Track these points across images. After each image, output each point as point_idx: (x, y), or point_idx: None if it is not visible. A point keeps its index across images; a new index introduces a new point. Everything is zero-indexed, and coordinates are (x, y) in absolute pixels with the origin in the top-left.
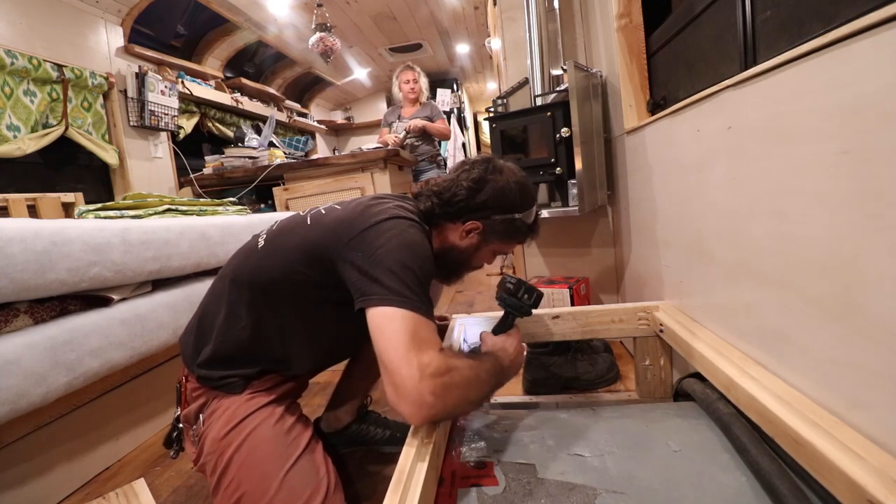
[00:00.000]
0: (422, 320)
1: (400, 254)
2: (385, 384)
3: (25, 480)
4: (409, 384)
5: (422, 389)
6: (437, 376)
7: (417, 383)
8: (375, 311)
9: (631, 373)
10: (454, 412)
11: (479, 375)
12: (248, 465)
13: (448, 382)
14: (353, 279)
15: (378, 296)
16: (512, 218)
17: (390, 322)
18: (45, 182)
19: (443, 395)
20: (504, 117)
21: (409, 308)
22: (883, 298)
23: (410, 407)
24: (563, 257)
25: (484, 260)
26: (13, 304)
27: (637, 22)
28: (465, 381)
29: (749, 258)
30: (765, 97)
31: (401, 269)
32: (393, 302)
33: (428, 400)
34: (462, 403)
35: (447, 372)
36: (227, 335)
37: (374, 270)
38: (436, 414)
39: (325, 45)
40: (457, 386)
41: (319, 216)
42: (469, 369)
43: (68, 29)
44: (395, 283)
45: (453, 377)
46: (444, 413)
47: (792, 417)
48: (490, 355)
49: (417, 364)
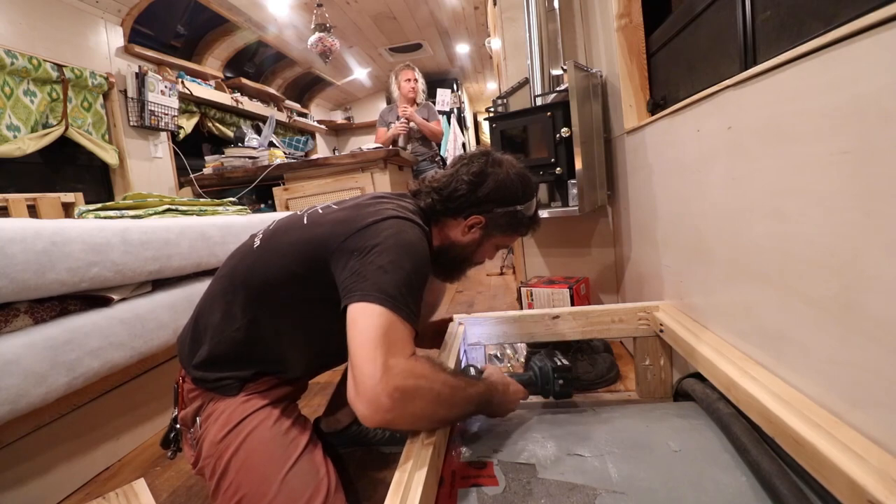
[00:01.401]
0: (399, 322)
1: (395, 254)
2: (348, 380)
3: (25, 480)
4: (368, 382)
5: (379, 391)
6: (400, 381)
7: (377, 383)
8: (354, 306)
9: (631, 373)
10: (414, 424)
11: (454, 395)
12: (246, 468)
13: (411, 391)
14: (343, 278)
15: (361, 291)
16: (514, 210)
17: (366, 317)
18: (45, 182)
19: (401, 402)
20: (504, 117)
21: (389, 307)
22: (882, 298)
23: (364, 407)
24: (563, 257)
25: (486, 255)
26: (13, 304)
27: (637, 22)
28: (433, 395)
29: (749, 258)
30: (765, 97)
31: (392, 268)
32: (374, 299)
33: (384, 403)
34: (424, 418)
35: (413, 379)
36: (223, 336)
37: (364, 269)
38: (391, 420)
39: (323, 46)
40: (421, 397)
41: (316, 216)
42: (443, 385)
43: (68, 29)
44: (384, 282)
45: (419, 387)
46: (401, 422)
47: (792, 417)
48: (484, 384)
49: (382, 364)
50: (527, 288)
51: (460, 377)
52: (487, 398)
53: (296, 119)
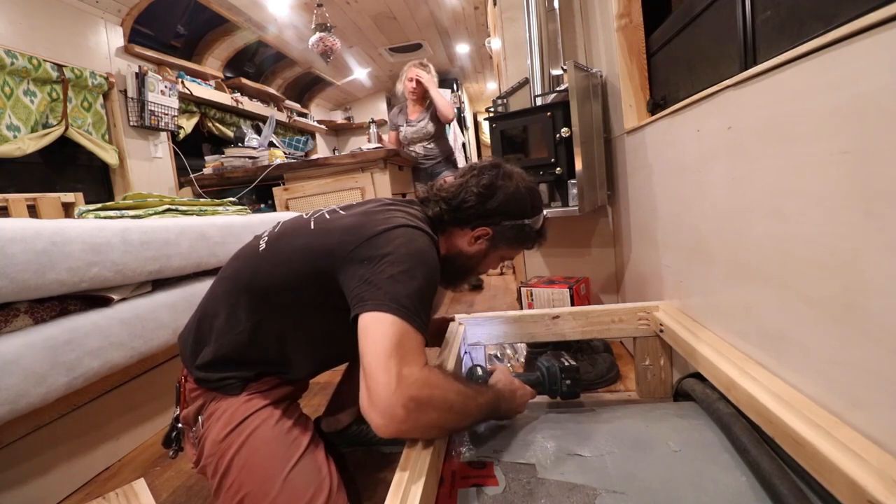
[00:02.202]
0: (412, 332)
1: (405, 263)
2: (360, 389)
3: (25, 480)
4: (382, 392)
5: (394, 402)
6: (414, 391)
7: (391, 393)
8: (367, 315)
9: (631, 373)
10: (426, 433)
11: (466, 404)
12: (249, 467)
13: (425, 401)
14: (353, 286)
15: (373, 301)
16: (522, 224)
17: (379, 326)
18: (45, 182)
19: (416, 413)
20: (504, 117)
21: (402, 317)
22: (883, 298)
23: (379, 417)
24: (563, 257)
25: (490, 266)
26: (13, 304)
27: (637, 22)
28: (445, 404)
29: (749, 258)
30: (765, 97)
31: (404, 277)
32: (386, 308)
33: (399, 413)
34: (435, 427)
35: (427, 389)
36: (227, 337)
37: (375, 277)
38: (406, 430)
39: (324, 45)
40: (434, 407)
41: (324, 221)
42: (456, 395)
43: (68, 29)
44: (396, 291)
45: (433, 397)
46: (415, 432)
47: (792, 417)
48: (492, 391)
49: (397, 373)
50: (527, 288)
51: (471, 385)
52: (496, 405)
53: (296, 119)
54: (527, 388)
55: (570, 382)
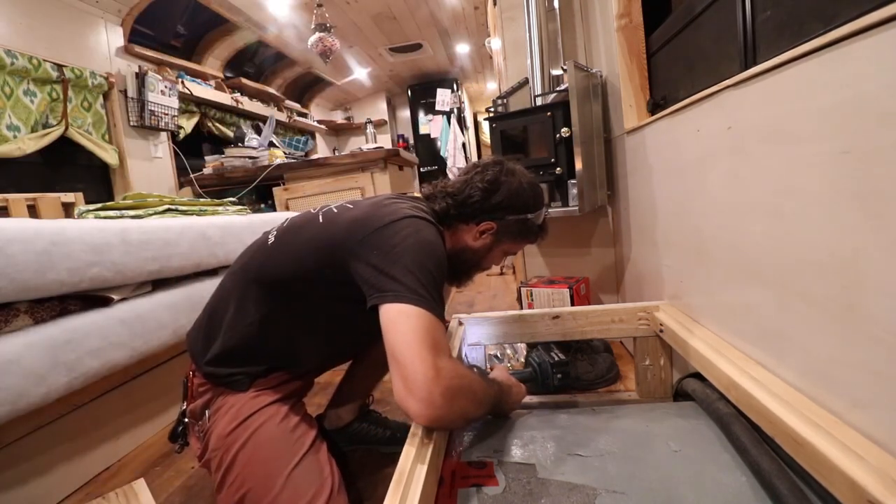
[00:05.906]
0: (436, 322)
1: (417, 253)
2: (394, 379)
3: (25, 480)
4: (420, 380)
5: (433, 389)
6: (449, 381)
7: (430, 381)
8: (390, 307)
9: (631, 373)
10: (455, 422)
11: (485, 395)
12: (252, 463)
13: (458, 390)
14: (367, 276)
15: (393, 292)
16: (525, 218)
17: (406, 318)
18: (45, 182)
19: (451, 400)
20: (504, 117)
21: (425, 307)
22: (882, 298)
23: (418, 404)
24: (563, 257)
25: (494, 261)
26: (13, 304)
27: (637, 22)
28: (472, 394)
29: (749, 258)
30: (765, 97)
31: (417, 268)
32: (409, 300)
33: (437, 401)
34: (463, 416)
35: (458, 379)
36: (236, 330)
37: (391, 268)
38: (441, 417)
39: (324, 46)
40: (465, 396)
41: (332, 214)
42: (478, 385)
43: (68, 29)
44: (412, 282)
45: (463, 386)
46: (448, 419)
47: (792, 417)
48: (497, 384)
49: (433, 363)
50: (527, 288)
51: (484, 377)
52: (500, 398)
53: (296, 119)
54: (521, 385)
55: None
